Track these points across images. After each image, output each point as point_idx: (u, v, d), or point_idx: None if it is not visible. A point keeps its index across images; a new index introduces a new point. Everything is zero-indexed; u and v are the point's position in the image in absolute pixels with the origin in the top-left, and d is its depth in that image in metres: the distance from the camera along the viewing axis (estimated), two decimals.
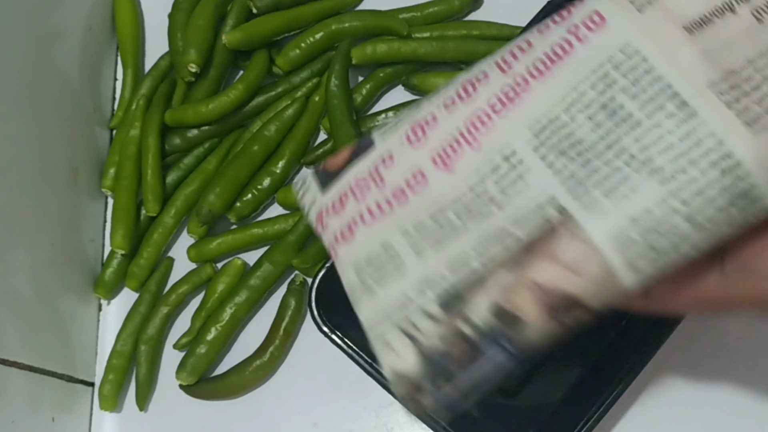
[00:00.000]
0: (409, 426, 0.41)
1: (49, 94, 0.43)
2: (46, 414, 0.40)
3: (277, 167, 0.44)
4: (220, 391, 0.43)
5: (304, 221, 0.42)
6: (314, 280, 0.36)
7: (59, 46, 0.45)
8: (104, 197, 0.49)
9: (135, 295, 0.45)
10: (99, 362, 0.46)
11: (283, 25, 0.46)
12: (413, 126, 0.26)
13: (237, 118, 0.46)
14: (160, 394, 0.44)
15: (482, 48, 0.45)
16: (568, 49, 0.24)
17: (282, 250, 0.42)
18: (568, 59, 0.24)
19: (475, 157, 0.24)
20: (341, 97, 0.43)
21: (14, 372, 0.37)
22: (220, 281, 0.44)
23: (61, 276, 0.43)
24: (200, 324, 0.43)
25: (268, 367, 0.42)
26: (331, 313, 0.36)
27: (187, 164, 0.46)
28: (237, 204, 0.44)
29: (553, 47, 0.24)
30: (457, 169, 0.25)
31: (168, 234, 0.45)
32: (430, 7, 0.47)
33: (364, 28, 0.46)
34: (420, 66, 0.46)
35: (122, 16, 0.50)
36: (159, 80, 0.48)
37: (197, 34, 0.45)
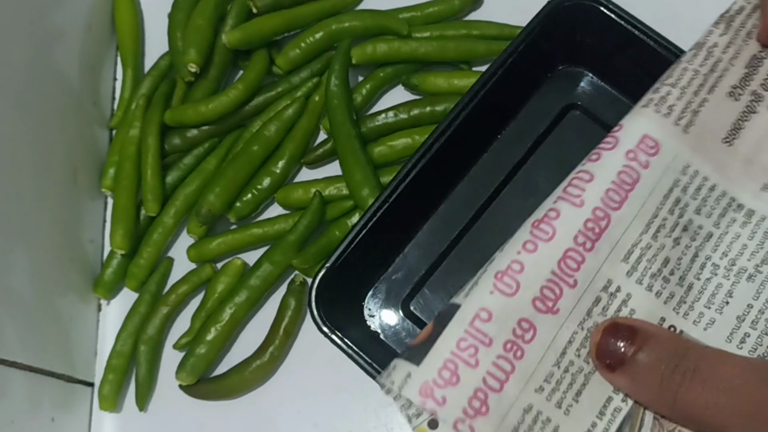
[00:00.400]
0: (408, 426, 0.41)
1: (48, 94, 0.43)
2: (46, 414, 0.40)
3: (277, 167, 0.44)
4: (219, 391, 0.43)
5: (304, 221, 0.42)
6: (314, 280, 0.36)
7: (59, 46, 0.45)
8: (104, 197, 0.49)
9: (135, 295, 0.45)
10: (99, 362, 0.46)
11: (283, 24, 0.46)
12: (500, 275, 0.25)
13: (237, 118, 0.46)
14: (160, 394, 0.44)
15: (482, 48, 0.45)
16: (636, 177, 0.26)
17: (282, 250, 0.42)
18: (640, 186, 0.26)
19: (575, 294, 0.25)
20: (341, 96, 0.43)
21: (14, 372, 0.37)
22: (219, 281, 0.44)
23: (61, 276, 0.43)
24: (200, 324, 0.43)
25: (268, 367, 0.42)
26: (331, 313, 0.36)
27: (187, 164, 0.46)
28: (237, 204, 0.44)
29: (620, 174, 0.26)
30: (560, 308, 0.25)
31: (168, 234, 0.45)
32: (430, 7, 0.47)
33: (364, 28, 0.46)
34: (420, 66, 0.46)
35: (122, 15, 0.50)
36: (159, 80, 0.48)
37: (197, 34, 0.45)
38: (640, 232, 0.26)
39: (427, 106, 0.44)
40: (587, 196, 0.26)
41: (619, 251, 0.25)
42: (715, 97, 0.27)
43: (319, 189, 0.44)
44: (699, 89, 0.27)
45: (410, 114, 0.44)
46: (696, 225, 0.26)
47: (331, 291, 0.36)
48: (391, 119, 0.45)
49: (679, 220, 0.26)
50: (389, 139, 0.44)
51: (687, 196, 0.26)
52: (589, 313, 0.25)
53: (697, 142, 0.26)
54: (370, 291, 0.40)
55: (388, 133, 0.45)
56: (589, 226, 0.25)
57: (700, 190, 0.26)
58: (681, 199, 0.26)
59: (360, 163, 0.42)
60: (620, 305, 0.25)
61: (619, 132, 0.26)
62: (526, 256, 0.25)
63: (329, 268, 0.36)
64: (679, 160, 0.26)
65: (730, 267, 0.26)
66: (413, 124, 0.45)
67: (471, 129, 0.39)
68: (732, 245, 0.26)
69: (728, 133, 0.27)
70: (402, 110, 0.45)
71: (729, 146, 0.27)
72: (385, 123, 0.45)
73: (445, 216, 0.40)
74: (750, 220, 0.26)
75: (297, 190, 0.44)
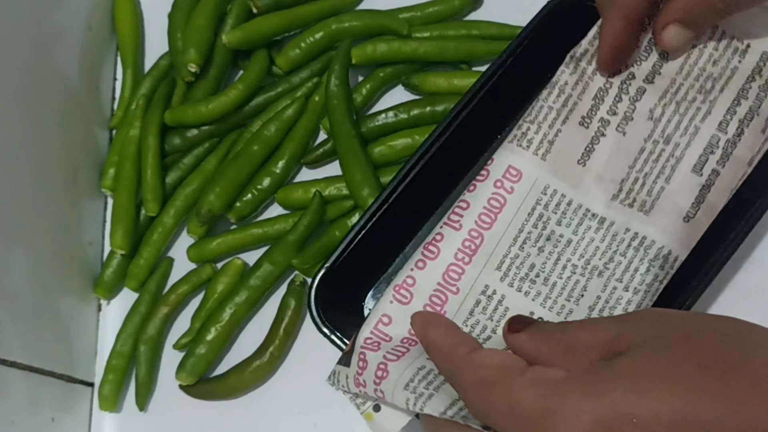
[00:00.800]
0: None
1: (48, 94, 0.43)
2: (46, 414, 0.40)
3: (277, 167, 0.44)
4: (220, 391, 0.43)
5: (304, 220, 0.42)
6: (313, 280, 0.36)
7: (59, 46, 0.45)
8: (104, 197, 0.49)
9: (135, 295, 0.45)
10: (99, 362, 0.46)
11: (283, 24, 0.46)
12: (397, 288, 0.31)
13: (237, 118, 0.46)
14: (160, 394, 0.44)
15: (482, 48, 0.45)
16: (502, 201, 0.32)
17: (282, 250, 0.42)
18: (506, 209, 0.32)
19: (458, 299, 0.31)
20: (341, 96, 0.43)
21: (14, 372, 0.37)
22: (219, 281, 0.44)
23: (61, 276, 0.43)
24: (200, 324, 0.43)
25: (268, 368, 0.42)
26: (331, 314, 0.36)
27: (187, 164, 0.46)
28: (237, 204, 0.44)
29: (490, 200, 0.32)
30: (447, 311, 0.31)
31: (168, 234, 0.45)
32: (430, 6, 0.47)
33: (364, 27, 0.46)
34: (420, 66, 0.46)
35: (122, 15, 0.50)
36: (159, 80, 0.48)
37: (197, 34, 0.45)
38: (510, 245, 0.32)
39: (427, 106, 0.44)
40: (464, 221, 0.32)
41: (493, 262, 0.32)
42: (568, 127, 0.32)
43: (319, 189, 0.44)
44: (553, 122, 0.32)
45: (410, 114, 0.44)
46: (558, 234, 0.32)
47: (331, 291, 0.36)
48: (391, 119, 0.45)
49: (543, 232, 0.32)
50: (389, 139, 0.44)
51: (549, 212, 0.32)
52: (471, 312, 0.31)
53: (555, 166, 0.32)
54: (371, 291, 0.40)
55: (388, 133, 0.45)
56: (466, 245, 0.31)
57: (559, 205, 0.32)
58: (543, 214, 0.32)
59: (360, 163, 0.42)
60: (497, 305, 0.31)
61: (491, 165, 0.32)
62: (417, 272, 0.32)
63: (329, 268, 0.36)
64: (539, 183, 0.32)
65: (585, 266, 0.31)
66: (413, 124, 0.45)
67: (471, 129, 0.39)
68: (587, 248, 0.32)
69: (582, 155, 0.32)
70: (402, 110, 0.45)
71: (583, 167, 0.32)
72: (385, 123, 0.45)
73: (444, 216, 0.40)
74: (602, 226, 0.32)
75: (297, 190, 0.44)
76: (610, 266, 0.31)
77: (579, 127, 0.32)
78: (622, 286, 0.31)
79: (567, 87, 0.33)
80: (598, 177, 0.32)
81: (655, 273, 0.31)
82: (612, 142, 0.32)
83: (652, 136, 0.32)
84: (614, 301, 0.31)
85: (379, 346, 0.30)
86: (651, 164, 0.32)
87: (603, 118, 0.32)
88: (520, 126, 0.32)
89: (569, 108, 0.33)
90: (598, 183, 0.32)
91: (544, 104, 0.33)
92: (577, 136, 0.32)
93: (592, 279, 0.31)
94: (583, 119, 0.32)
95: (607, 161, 0.32)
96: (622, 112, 0.32)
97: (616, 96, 0.33)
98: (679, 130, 0.32)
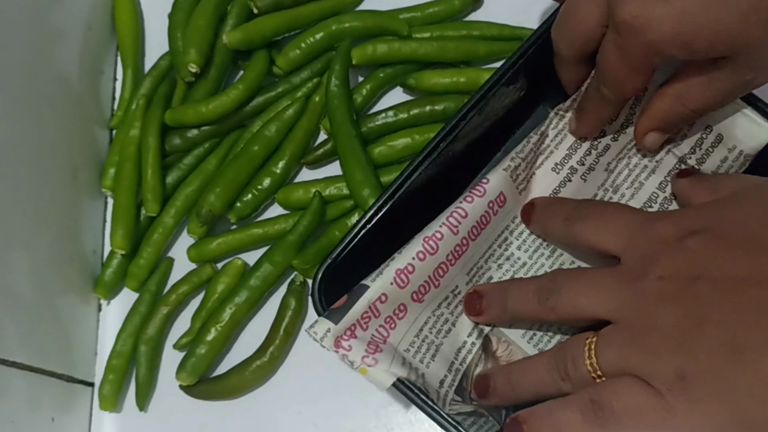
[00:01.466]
0: (408, 427, 0.41)
1: (48, 93, 0.43)
2: (46, 414, 0.40)
3: (278, 167, 0.44)
4: (220, 391, 0.43)
5: (304, 221, 0.42)
6: (314, 282, 0.36)
7: (59, 46, 0.45)
8: (104, 197, 0.49)
9: (135, 295, 0.45)
10: (99, 362, 0.46)
11: (284, 25, 0.46)
12: (398, 272, 0.35)
13: (237, 118, 0.46)
14: (160, 395, 0.44)
15: (482, 48, 0.45)
16: (488, 220, 0.37)
17: (282, 250, 0.42)
18: (489, 226, 0.37)
19: (437, 292, 0.36)
20: (341, 97, 0.43)
21: (14, 372, 0.37)
22: (220, 281, 0.44)
23: (61, 276, 0.43)
24: (200, 324, 0.43)
25: (269, 367, 0.42)
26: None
27: (187, 164, 0.46)
28: (237, 204, 0.44)
29: (482, 216, 0.36)
30: (425, 300, 0.35)
31: (168, 234, 0.45)
32: (430, 7, 0.47)
33: (365, 28, 0.46)
34: (420, 66, 0.46)
35: (122, 16, 0.50)
36: (159, 80, 0.48)
37: (197, 34, 0.45)
38: (480, 257, 0.37)
39: (427, 105, 0.44)
40: (461, 228, 0.36)
41: (466, 267, 0.37)
42: (542, 171, 0.38)
43: (319, 189, 0.44)
44: (532, 163, 0.38)
45: (410, 113, 0.45)
46: (515, 257, 0.38)
47: (334, 285, 0.36)
48: (390, 119, 0.45)
49: (504, 252, 0.38)
50: (389, 139, 0.44)
51: (512, 237, 0.38)
52: (439, 306, 0.36)
53: (525, 201, 0.38)
54: None
55: (388, 133, 0.45)
56: (456, 249, 0.36)
57: (522, 233, 0.38)
58: (508, 238, 0.38)
59: (360, 163, 0.42)
60: (458, 303, 0.36)
61: (487, 185, 0.36)
62: (417, 262, 0.35)
63: (329, 266, 0.36)
64: (512, 212, 0.38)
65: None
66: (413, 123, 0.45)
67: (479, 129, 0.39)
68: (538, 271, 0.37)
69: (550, 194, 0.38)
70: (402, 110, 0.45)
71: None
72: (385, 123, 0.45)
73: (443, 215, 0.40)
74: (552, 255, 0.37)
75: (297, 190, 0.44)
76: None
77: (551, 172, 0.38)
78: None
79: (547, 138, 0.38)
80: None
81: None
82: (574, 187, 0.37)
83: (604, 184, 0.38)
84: None
85: (368, 324, 0.34)
86: None
87: (573, 167, 0.38)
88: (513, 159, 0.37)
89: (545, 156, 0.38)
90: None
91: (532, 147, 0.37)
92: (547, 179, 0.38)
93: None
94: (555, 165, 0.38)
95: None
96: (588, 164, 0.38)
97: (587, 150, 0.38)
98: (626, 182, 0.38)
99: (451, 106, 0.44)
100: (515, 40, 0.46)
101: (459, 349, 0.36)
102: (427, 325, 0.36)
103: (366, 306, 0.34)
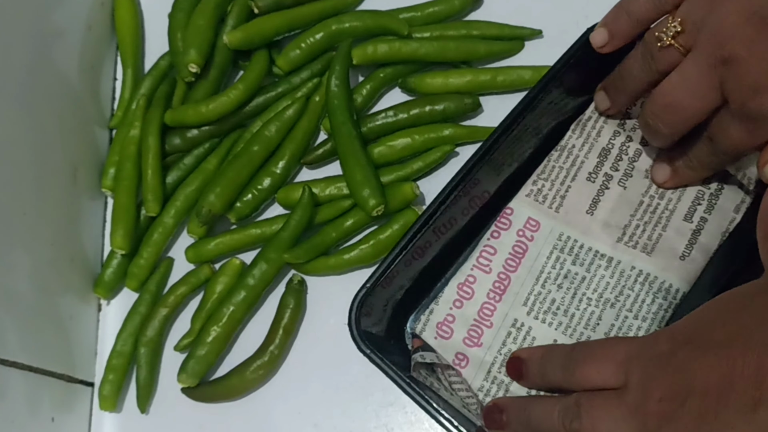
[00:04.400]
0: (408, 427, 0.41)
1: (49, 93, 0.43)
2: (46, 414, 0.40)
3: (278, 167, 0.44)
4: (221, 393, 0.43)
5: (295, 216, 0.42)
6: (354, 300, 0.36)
7: (59, 46, 0.45)
8: (104, 197, 0.49)
9: (135, 295, 0.45)
10: (99, 362, 0.46)
11: (284, 25, 0.46)
12: (439, 324, 0.36)
13: (237, 118, 0.46)
14: (160, 395, 0.44)
15: (482, 48, 0.45)
16: (525, 248, 0.37)
17: (275, 247, 0.42)
18: (528, 254, 0.37)
19: (492, 332, 0.36)
20: (341, 97, 0.43)
21: (14, 372, 0.37)
22: (218, 281, 0.44)
23: (61, 276, 0.43)
24: (200, 325, 0.43)
25: (269, 367, 0.42)
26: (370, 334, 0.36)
27: (187, 164, 0.46)
28: (237, 204, 0.44)
29: (514, 247, 0.37)
30: (482, 343, 0.36)
31: (168, 234, 0.45)
32: (430, 7, 0.47)
33: (365, 28, 0.46)
34: (420, 66, 0.46)
35: (122, 16, 0.50)
36: (159, 80, 0.48)
37: (197, 34, 0.45)
38: (533, 284, 0.37)
39: (427, 105, 0.44)
40: (493, 265, 0.37)
41: (520, 299, 0.37)
42: (577, 183, 0.38)
43: (320, 189, 0.44)
44: (564, 180, 0.38)
45: (410, 113, 0.45)
46: (573, 273, 0.37)
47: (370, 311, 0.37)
48: (390, 119, 0.45)
49: (560, 272, 0.37)
50: (389, 139, 0.44)
51: (564, 254, 0.37)
52: (504, 343, 0.36)
53: (566, 217, 0.38)
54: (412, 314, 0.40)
55: (388, 133, 0.45)
56: (496, 285, 0.37)
57: (573, 249, 0.37)
58: (560, 257, 0.37)
59: (360, 163, 0.42)
60: (525, 335, 0.36)
61: (511, 215, 0.38)
62: (455, 310, 0.37)
63: (370, 288, 0.36)
64: (555, 231, 0.38)
65: (599, 299, 0.37)
66: (413, 123, 0.45)
67: (529, 133, 0.39)
68: (599, 283, 0.37)
69: (589, 206, 0.38)
70: (402, 110, 0.45)
71: (591, 215, 0.38)
72: (384, 123, 0.45)
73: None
74: (610, 264, 0.37)
75: (297, 190, 0.44)
76: (621, 298, 0.37)
77: (586, 182, 0.38)
78: (632, 315, 0.36)
79: (574, 149, 0.39)
80: (604, 223, 0.37)
81: (660, 303, 0.36)
82: (615, 194, 0.38)
83: (648, 191, 0.38)
84: (626, 327, 0.36)
85: (429, 378, 0.36)
86: (649, 215, 0.38)
87: (607, 173, 0.38)
88: (536, 182, 0.38)
89: (577, 167, 0.38)
90: (605, 228, 0.37)
91: (555, 164, 0.38)
92: (585, 190, 0.38)
93: (605, 310, 0.36)
94: (590, 175, 0.38)
95: (612, 210, 0.38)
96: (623, 169, 0.38)
97: (617, 156, 0.38)
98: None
99: (451, 106, 0.44)
100: (515, 39, 0.46)
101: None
102: (494, 366, 0.36)
103: (413, 368, 0.35)
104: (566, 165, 0.38)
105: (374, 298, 0.37)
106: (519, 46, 0.46)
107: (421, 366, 0.37)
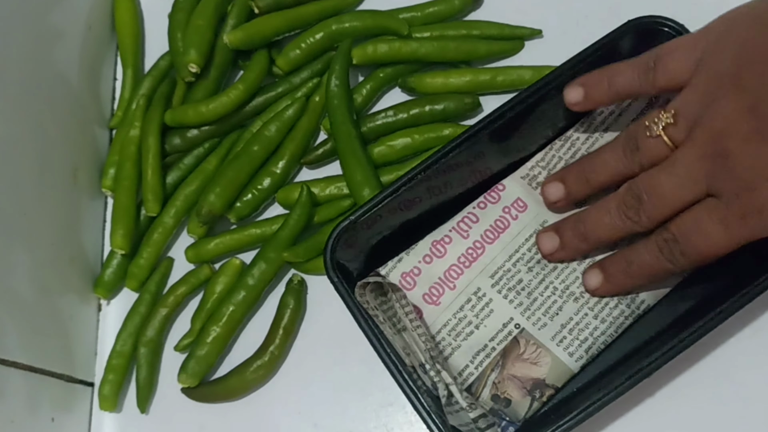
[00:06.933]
0: (408, 427, 0.41)
1: (48, 93, 0.43)
2: (46, 414, 0.40)
3: (278, 167, 0.44)
4: (221, 393, 0.43)
5: (294, 215, 0.42)
6: (330, 236, 0.36)
7: (59, 46, 0.45)
8: (104, 197, 0.49)
9: (135, 295, 0.45)
10: (99, 362, 0.46)
11: (284, 24, 0.46)
12: (404, 275, 0.37)
13: (237, 118, 0.46)
14: (160, 395, 0.44)
15: (482, 48, 0.45)
16: (506, 224, 0.38)
17: (274, 246, 0.42)
18: (508, 231, 0.38)
19: (452, 294, 0.37)
20: (341, 97, 0.43)
21: (14, 372, 0.37)
22: (218, 281, 0.44)
23: (61, 276, 0.43)
24: (200, 325, 0.43)
25: (269, 367, 0.42)
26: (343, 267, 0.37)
27: (187, 164, 0.46)
28: (237, 204, 0.44)
29: (497, 221, 0.38)
30: (441, 302, 0.37)
31: (168, 234, 0.45)
32: (430, 7, 0.47)
33: (365, 28, 0.46)
34: (420, 66, 0.46)
35: (122, 15, 0.50)
36: (159, 80, 0.48)
37: (197, 34, 0.45)
38: (505, 260, 0.38)
39: (427, 105, 0.44)
40: (471, 232, 0.38)
41: (489, 270, 0.38)
42: None
43: (319, 189, 0.44)
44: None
45: (410, 114, 0.45)
46: (546, 260, 0.38)
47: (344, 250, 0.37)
48: (390, 119, 0.45)
49: (535, 256, 0.38)
50: (389, 139, 0.44)
51: None
52: (462, 308, 0.37)
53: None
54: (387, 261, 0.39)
55: (388, 133, 0.45)
56: (469, 251, 0.38)
57: None
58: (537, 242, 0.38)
59: (360, 163, 0.42)
60: (484, 306, 0.37)
61: (502, 191, 0.39)
62: (423, 264, 0.37)
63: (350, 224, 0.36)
64: (539, 218, 0.39)
65: (564, 290, 0.37)
66: (413, 123, 0.45)
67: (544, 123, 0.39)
68: (569, 276, 0.37)
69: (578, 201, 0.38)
70: (402, 110, 0.45)
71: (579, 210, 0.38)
72: (384, 123, 0.45)
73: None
74: (584, 261, 0.38)
75: (297, 190, 0.44)
76: (585, 295, 0.37)
77: None
78: (592, 314, 0.37)
79: (577, 142, 0.39)
80: None
81: (622, 309, 0.37)
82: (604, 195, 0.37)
83: None
84: (583, 324, 0.37)
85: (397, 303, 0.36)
86: None
87: None
88: (533, 167, 0.39)
89: (575, 160, 0.38)
90: None
91: (556, 154, 0.39)
92: None
93: (567, 302, 0.37)
94: None
95: None
96: None
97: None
98: None
99: (451, 106, 0.44)
100: (515, 39, 0.46)
101: (477, 352, 0.37)
102: (446, 328, 0.36)
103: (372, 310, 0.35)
104: (566, 156, 0.39)
105: (355, 234, 0.37)
106: (519, 46, 0.46)
107: (371, 294, 0.36)
